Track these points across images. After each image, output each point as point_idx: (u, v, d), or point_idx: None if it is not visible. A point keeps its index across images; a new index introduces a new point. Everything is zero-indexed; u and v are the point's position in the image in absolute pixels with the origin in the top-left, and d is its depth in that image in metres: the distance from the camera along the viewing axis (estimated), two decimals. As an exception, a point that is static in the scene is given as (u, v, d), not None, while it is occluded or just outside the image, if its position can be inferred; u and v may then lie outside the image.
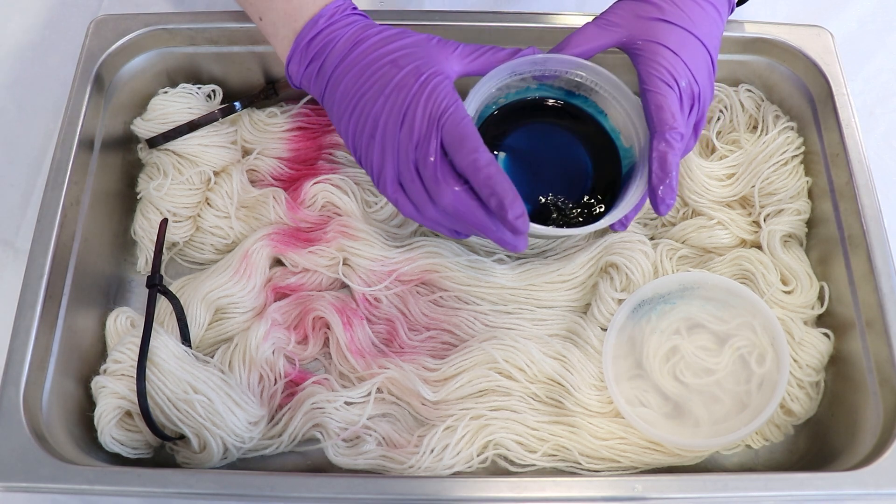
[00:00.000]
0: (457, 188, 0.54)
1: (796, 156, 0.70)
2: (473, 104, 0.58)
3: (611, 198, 0.62)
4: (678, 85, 0.57)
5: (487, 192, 0.52)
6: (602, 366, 0.63)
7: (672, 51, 0.58)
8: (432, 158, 0.54)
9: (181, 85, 0.72)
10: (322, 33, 0.59)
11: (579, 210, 0.62)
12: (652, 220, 0.71)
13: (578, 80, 0.62)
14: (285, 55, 0.61)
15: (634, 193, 0.59)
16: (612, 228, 0.61)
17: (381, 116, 0.56)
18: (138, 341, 0.60)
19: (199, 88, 0.72)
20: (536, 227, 0.56)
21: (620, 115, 0.62)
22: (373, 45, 0.58)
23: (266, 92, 0.74)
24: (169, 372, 0.60)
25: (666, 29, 0.58)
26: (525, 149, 0.64)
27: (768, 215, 0.69)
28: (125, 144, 0.72)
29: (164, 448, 0.62)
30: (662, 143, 0.56)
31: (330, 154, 0.73)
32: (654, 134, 0.57)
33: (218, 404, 0.60)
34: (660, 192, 0.56)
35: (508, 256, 0.69)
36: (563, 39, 0.61)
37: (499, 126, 0.64)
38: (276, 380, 0.64)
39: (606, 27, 0.60)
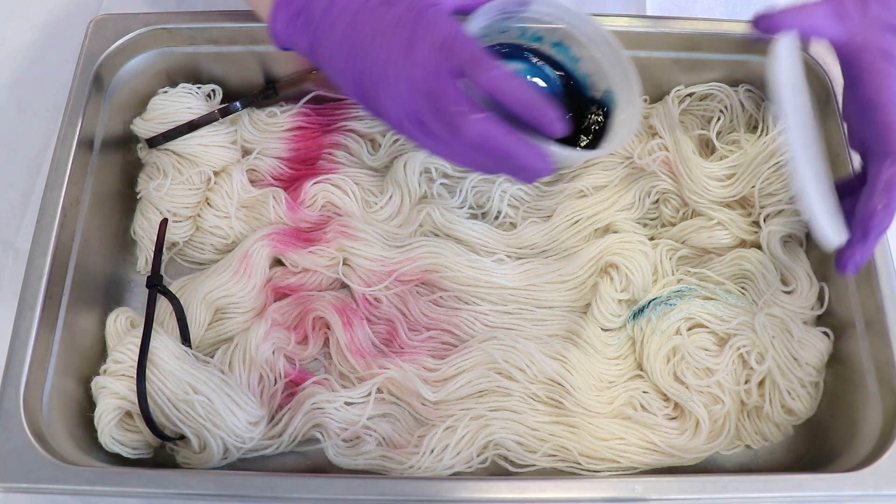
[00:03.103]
0: (481, 115, 0.50)
1: (796, 156, 0.70)
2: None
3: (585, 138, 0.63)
4: None
5: (520, 102, 0.50)
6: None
7: None
8: (449, 89, 0.51)
9: (181, 85, 0.72)
10: None
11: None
12: (652, 220, 0.71)
13: (560, 25, 0.63)
14: (268, 11, 0.57)
15: (624, 127, 0.60)
16: None
17: (384, 57, 0.52)
18: (138, 341, 0.60)
19: (199, 88, 0.72)
20: (557, 149, 0.55)
21: (593, 62, 0.63)
22: None
23: (266, 92, 0.73)
24: (169, 372, 0.60)
25: None
26: None
27: (768, 216, 0.69)
28: (125, 144, 0.72)
29: (164, 448, 0.62)
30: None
31: (330, 154, 0.73)
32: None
33: (218, 404, 0.60)
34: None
35: (508, 256, 0.69)
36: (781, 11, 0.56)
37: None
38: (276, 380, 0.64)
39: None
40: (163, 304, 0.66)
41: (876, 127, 0.55)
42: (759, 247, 0.69)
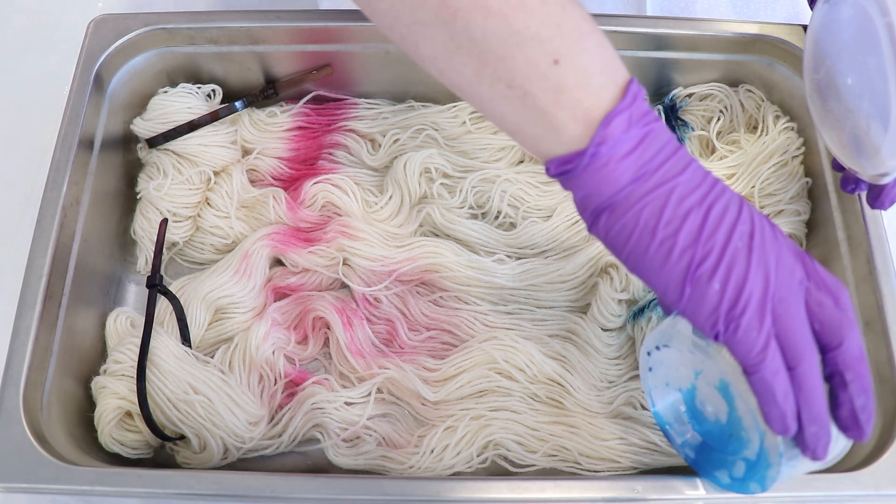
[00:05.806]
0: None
1: (796, 156, 0.70)
2: None
3: None
4: None
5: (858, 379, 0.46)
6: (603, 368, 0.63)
7: None
8: (800, 312, 0.45)
9: (181, 84, 0.72)
10: (648, 119, 0.44)
11: None
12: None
13: None
14: (597, 114, 0.42)
15: None
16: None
17: (763, 269, 0.44)
18: (138, 342, 0.60)
19: (199, 88, 0.72)
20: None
21: None
22: (690, 162, 0.45)
23: (266, 92, 0.74)
24: (169, 372, 0.60)
25: None
26: None
27: (768, 216, 0.69)
28: (125, 144, 0.72)
29: (164, 448, 0.62)
30: None
31: (330, 154, 0.73)
32: None
33: (218, 404, 0.60)
34: None
35: (508, 256, 0.69)
36: None
37: None
38: (276, 380, 0.64)
39: None
40: (163, 304, 0.66)
41: None
42: (759, 247, 0.68)
